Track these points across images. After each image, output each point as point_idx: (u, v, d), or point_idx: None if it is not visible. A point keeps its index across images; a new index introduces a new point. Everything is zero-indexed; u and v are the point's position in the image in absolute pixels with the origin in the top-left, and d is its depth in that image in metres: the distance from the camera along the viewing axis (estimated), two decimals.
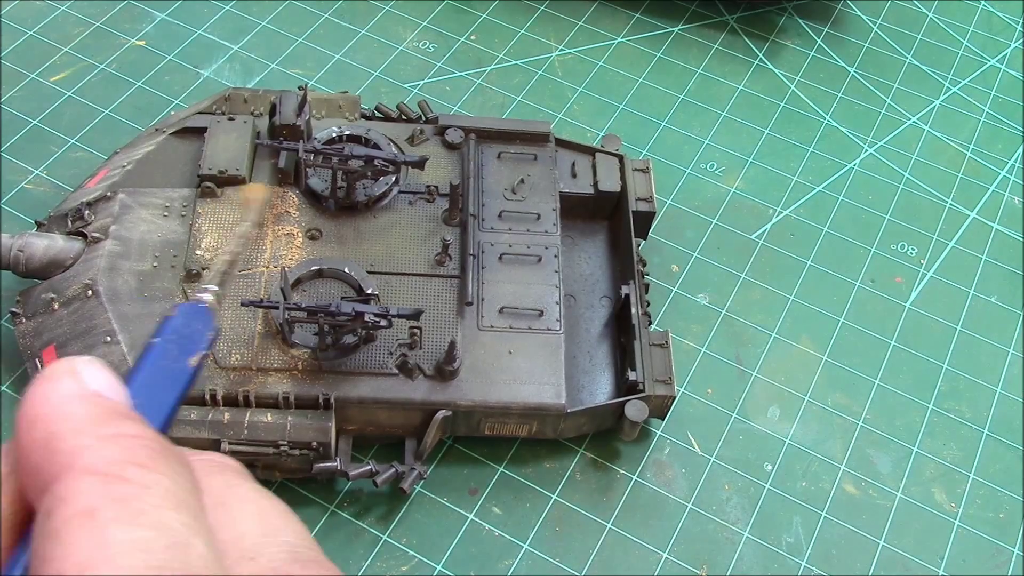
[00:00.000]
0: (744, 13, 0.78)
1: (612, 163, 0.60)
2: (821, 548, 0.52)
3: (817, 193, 0.68)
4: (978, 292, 0.64)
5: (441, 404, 0.50)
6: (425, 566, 0.49)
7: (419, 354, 0.50)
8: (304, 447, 0.48)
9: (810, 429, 0.56)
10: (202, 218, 0.53)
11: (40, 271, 0.52)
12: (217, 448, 0.47)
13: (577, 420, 0.52)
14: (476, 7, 0.76)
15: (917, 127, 0.73)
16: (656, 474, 0.54)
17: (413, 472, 0.50)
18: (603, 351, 0.56)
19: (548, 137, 0.60)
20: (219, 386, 0.48)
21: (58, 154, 0.63)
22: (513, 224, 0.56)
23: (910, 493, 0.55)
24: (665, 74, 0.74)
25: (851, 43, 0.78)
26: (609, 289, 0.58)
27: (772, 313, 0.61)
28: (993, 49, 0.79)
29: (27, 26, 0.70)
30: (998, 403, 0.59)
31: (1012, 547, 0.53)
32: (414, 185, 0.57)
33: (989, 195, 0.69)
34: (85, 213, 0.53)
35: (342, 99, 0.60)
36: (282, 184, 0.56)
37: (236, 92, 0.59)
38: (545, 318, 0.53)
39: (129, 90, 0.67)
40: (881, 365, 0.60)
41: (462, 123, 0.59)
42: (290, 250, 0.53)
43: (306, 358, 0.49)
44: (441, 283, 0.53)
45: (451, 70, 0.71)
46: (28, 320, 0.51)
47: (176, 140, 0.57)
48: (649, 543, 0.51)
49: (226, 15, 0.73)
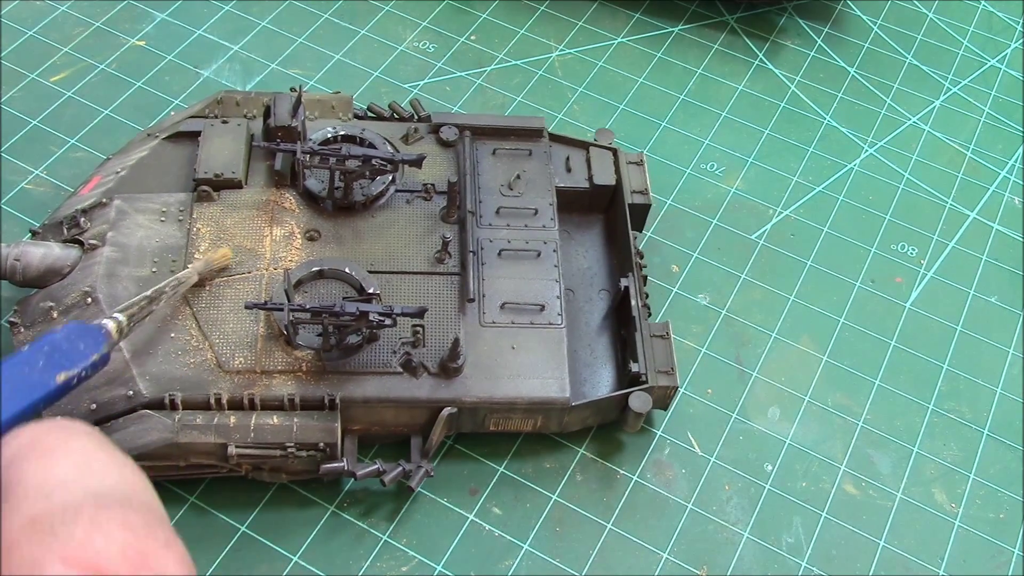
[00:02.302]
0: (744, 13, 0.78)
1: (606, 157, 0.60)
2: (821, 548, 0.52)
3: (817, 193, 0.68)
4: (978, 292, 0.64)
5: (446, 401, 0.50)
6: (425, 566, 0.49)
7: (423, 352, 0.51)
8: (311, 448, 0.48)
9: (810, 429, 0.56)
10: (199, 222, 0.53)
11: (37, 280, 0.51)
12: (224, 452, 0.47)
13: (581, 413, 0.52)
14: (476, 7, 0.76)
15: (917, 127, 0.73)
16: (656, 474, 0.54)
17: (420, 470, 0.50)
18: (604, 344, 0.56)
19: (542, 133, 0.60)
20: (224, 390, 0.48)
21: (58, 154, 0.63)
22: (511, 220, 0.56)
23: (910, 493, 0.55)
24: (665, 74, 0.74)
25: (851, 43, 0.78)
26: (607, 282, 0.58)
27: (772, 313, 0.61)
28: (993, 49, 0.79)
29: (27, 26, 0.70)
30: (998, 403, 0.59)
31: (1012, 547, 0.53)
32: (411, 184, 0.57)
33: (989, 195, 0.69)
34: (81, 220, 0.53)
35: (335, 99, 0.60)
36: (279, 186, 0.56)
37: (228, 95, 0.59)
38: (546, 312, 0.53)
39: (129, 90, 0.67)
40: (881, 365, 0.60)
41: (456, 121, 0.60)
42: (289, 252, 0.53)
43: (310, 359, 0.49)
44: (442, 280, 0.53)
45: (451, 70, 0.71)
46: (27, 329, 0.50)
47: (169, 145, 0.57)
48: (649, 543, 0.51)
49: (226, 15, 0.73)
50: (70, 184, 0.61)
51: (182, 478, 0.49)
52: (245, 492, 0.50)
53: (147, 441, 0.46)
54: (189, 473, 0.49)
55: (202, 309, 0.50)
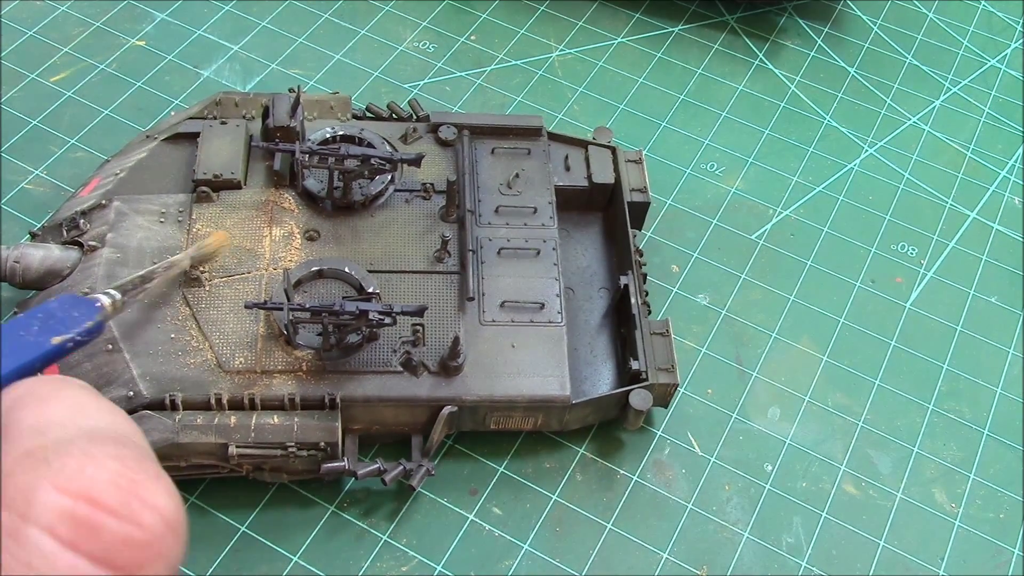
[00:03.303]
0: (744, 13, 0.78)
1: (605, 155, 0.60)
2: (821, 548, 0.52)
3: (817, 193, 0.68)
4: (978, 292, 0.64)
5: (446, 400, 0.50)
6: (425, 566, 0.49)
7: (422, 351, 0.51)
8: (312, 448, 0.48)
9: (810, 429, 0.56)
10: (199, 222, 0.53)
11: (37, 282, 0.52)
12: (225, 452, 0.47)
13: (582, 411, 0.52)
14: (476, 7, 0.76)
15: (917, 127, 0.73)
16: (656, 474, 0.54)
17: (421, 469, 0.50)
18: (604, 342, 0.56)
19: (541, 131, 0.60)
20: (224, 390, 0.48)
21: (58, 154, 0.63)
22: (510, 219, 0.56)
23: (910, 493, 0.55)
24: (665, 74, 0.74)
25: (851, 43, 0.78)
26: (607, 280, 0.58)
27: (772, 313, 0.61)
28: (993, 49, 0.79)
29: (27, 26, 0.70)
30: (998, 403, 0.59)
31: (1012, 547, 0.53)
32: (410, 183, 0.57)
33: (989, 195, 0.69)
34: (80, 222, 0.53)
35: (333, 100, 0.60)
36: (278, 186, 0.56)
37: (227, 96, 0.59)
38: (546, 311, 0.53)
39: (129, 90, 0.67)
40: (881, 365, 0.60)
41: (454, 120, 0.60)
42: (289, 252, 0.53)
43: (310, 359, 0.49)
44: (441, 279, 0.53)
45: (451, 70, 0.71)
46: None
47: (168, 146, 0.57)
48: (649, 543, 0.51)
49: (226, 15, 0.73)
50: (70, 184, 0.61)
51: (183, 478, 0.49)
52: (245, 492, 0.50)
53: (148, 441, 0.46)
54: (190, 473, 0.49)
55: (202, 310, 0.50)
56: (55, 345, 0.29)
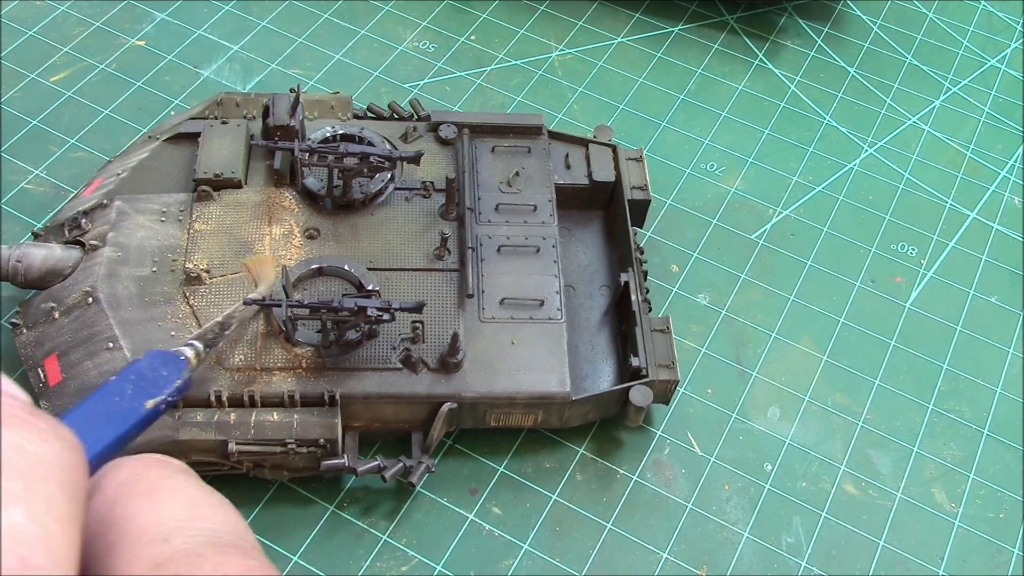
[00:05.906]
0: (744, 13, 0.78)
1: (605, 153, 0.60)
2: (821, 548, 0.52)
3: (817, 193, 0.68)
4: (978, 292, 0.64)
5: (446, 397, 0.50)
6: (425, 566, 0.49)
7: (422, 348, 0.51)
8: (311, 444, 0.48)
9: (810, 429, 0.56)
10: (199, 221, 0.53)
11: (39, 281, 0.52)
12: (225, 449, 0.47)
13: (582, 408, 0.52)
14: (476, 7, 0.76)
15: (917, 127, 0.73)
16: (656, 474, 0.54)
17: (421, 466, 0.50)
18: (604, 339, 0.56)
19: (541, 130, 0.60)
20: (224, 387, 0.48)
21: (58, 154, 0.63)
22: (510, 216, 0.56)
23: (910, 493, 0.55)
24: (665, 74, 0.74)
25: (851, 43, 0.78)
26: (607, 278, 0.58)
27: (772, 313, 0.61)
28: (993, 49, 0.79)
29: (27, 26, 0.70)
30: (998, 403, 0.59)
31: (1012, 547, 0.53)
32: (409, 182, 0.57)
33: (989, 195, 0.69)
34: (82, 222, 0.53)
35: (334, 99, 0.60)
36: (278, 185, 0.56)
37: (228, 96, 0.59)
38: (546, 308, 0.53)
39: (129, 90, 0.67)
40: (881, 365, 0.60)
41: (455, 119, 0.60)
42: (288, 249, 0.53)
43: (309, 356, 0.49)
44: (441, 277, 0.53)
45: (451, 70, 0.72)
46: (29, 330, 0.50)
47: (170, 146, 0.57)
48: (649, 543, 0.51)
49: (226, 15, 0.73)
50: (70, 184, 0.61)
51: None
52: (245, 491, 0.50)
53: (148, 439, 0.46)
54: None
55: (202, 307, 0.50)
56: (149, 409, 0.28)
